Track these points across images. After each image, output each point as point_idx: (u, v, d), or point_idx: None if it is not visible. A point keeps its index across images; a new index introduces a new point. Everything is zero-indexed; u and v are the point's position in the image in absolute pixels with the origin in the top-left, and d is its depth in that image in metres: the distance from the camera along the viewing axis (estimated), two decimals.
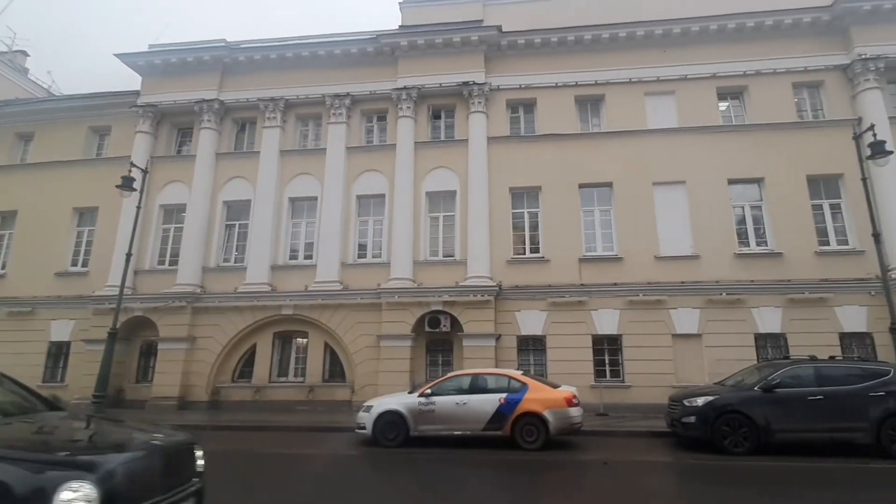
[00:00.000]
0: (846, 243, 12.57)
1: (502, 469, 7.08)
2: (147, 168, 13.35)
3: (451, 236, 13.98)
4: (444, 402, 8.58)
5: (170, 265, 14.69)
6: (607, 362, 12.59)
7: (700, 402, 8.25)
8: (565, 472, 7.00)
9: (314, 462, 7.61)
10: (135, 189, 11.91)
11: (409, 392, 9.25)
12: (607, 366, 12.57)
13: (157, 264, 14.90)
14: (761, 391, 8.07)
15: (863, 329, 11.83)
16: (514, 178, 13.92)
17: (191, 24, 56.89)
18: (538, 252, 13.49)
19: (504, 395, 8.47)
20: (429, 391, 8.77)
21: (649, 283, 12.61)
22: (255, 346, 13.91)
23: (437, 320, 12.89)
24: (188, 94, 15.44)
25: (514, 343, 12.83)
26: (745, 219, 13.19)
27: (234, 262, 14.66)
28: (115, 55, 15.74)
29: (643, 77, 14.12)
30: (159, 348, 13.73)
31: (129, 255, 12.14)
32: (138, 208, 12.47)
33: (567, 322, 12.66)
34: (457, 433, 8.46)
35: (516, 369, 10.94)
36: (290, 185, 14.91)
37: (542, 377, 10.88)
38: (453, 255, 13.73)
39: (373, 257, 14.19)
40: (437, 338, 13.28)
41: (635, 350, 12.32)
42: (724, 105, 14.18)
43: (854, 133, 11.07)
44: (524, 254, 13.59)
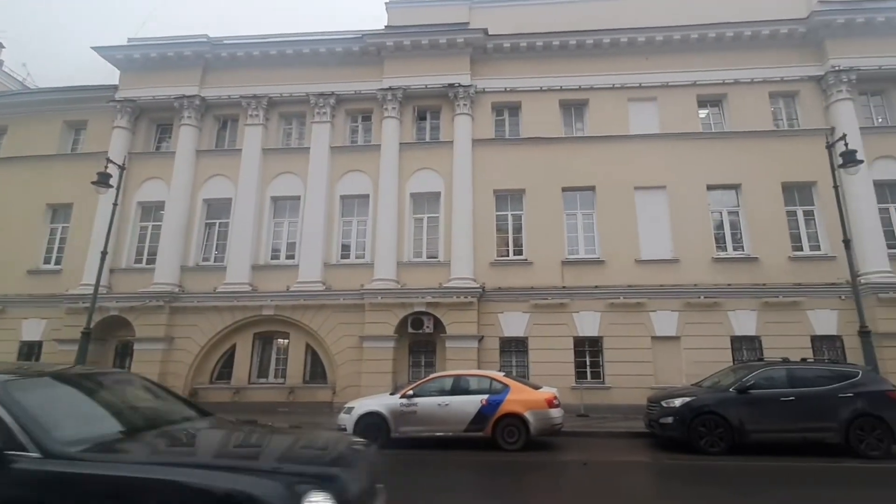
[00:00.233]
0: (818, 249, 12.95)
1: (483, 470, 7.11)
2: (124, 164, 13.03)
3: (436, 237, 13.97)
4: (426, 403, 8.57)
5: (147, 264, 14.36)
6: (588, 364, 12.73)
7: (677, 403, 8.41)
8: (546, 472, 7.05)
9: None
10: (111, 186, 11.62)
11: (392, 393, 9.23)
12: (588, 367, 12.71)
13: (134, 263, 14.56)
14: (736, 392, 8.26)
15: (833, 332, 12.20)
16: (498, 181, 14.00)
17: (173, 19, 55.83)
18: (521, 254, 13.57)
19: (486, 396, 8.51)
20: (411, 392, 8.75)
21: (630, 286, 12.79)
22: (234, 347, 13.69)
23: (421, 321, 12.87)
24: (168, 90, 15.14)
25: (496, 344, 12.88)
26: (722, 224, 13.48)
27: (214, 262, 14.41)
28: (93, 48, 15.35)
29: (626, 83, 14.34)
30: (135, 349, 13.41)
31: (104, 253, 11.83)
32: (115, 205, 12.16)
33: (549, 324, 12.77)
34: (438, 434, 8.45)
35: (498, 371, 10.99)
36: (272, 183, 14.73)
37: (523, 378, 10.96)
38: (437, 257, 13.73)
39: (356, 258, 14.10)
40: (420, 339, 13.26)
41: (615, 352, 12.48)
42: (703, 112, 14.48)
43: (827, 142, 11.43)
44: (507, 256, 13.67)
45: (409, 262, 13.70)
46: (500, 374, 9.23)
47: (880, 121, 13.94)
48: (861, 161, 10.62)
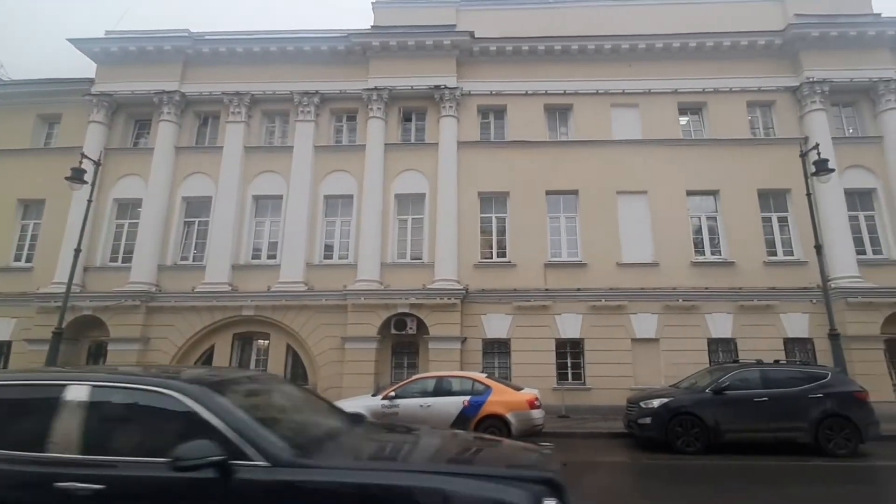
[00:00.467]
0: (792, 254, 13.33)
1: None
2: (100, 160, 12.71)
3: (420, 239, 13.96)
4: (407, 404, 8.55)
5: (123, 262, 14.00)
6: (569, 365, 12.86)
7: (655, 404, 8.56)
8: None
9: None
10: (86, 182, 11.33)
11: (373, 395, 9.18)
12: (569, 369, 12.84)
13: (109, 261, 14.18)
14: (712, 393, 8.46)
15: (805, 335, 12.57)
16: (483, 183, 14.06)
17: (155, 13, 54.62)
18: (505, 256, 13.65)
19: (468, 397, 8.54)
20: (393, 394, 8.73)
21: (611, 289, 12.97)
22: (213, 348, 13.44)
23: (404, 322, 12.83)
24: (147, 85, 14.79)
25: (479, 346, 12.92)
26: (701, 229, 13.77)
27: (193, 261, 14.13)
28: (70, 41, 14.91)
29: (610, 89, 14.56)
30: (109, 349, 13.05)
31: (77, 251, 11.53)
32: (89, 202, 11.85)
33: (531, 326, 12.86)
34: None
35: (481, 372, 11.02)
36: (254, 182, 14.51)
37: (506, 380, 10.99)
38: (421, 258, 13.72)
39: (339, 258, 13.99)
40: (402, 340, 13.22)
41: (596, 353, 12.64)
42: (684, 120, 14.79)
43: (801, 151, 11.81)
44: (491, 258, 13.73)
45: (393, 263, 13.66)
46: (482, 376, 9.27)
47: (851, 131, 14.44)
48: (832, 170, 11.00)
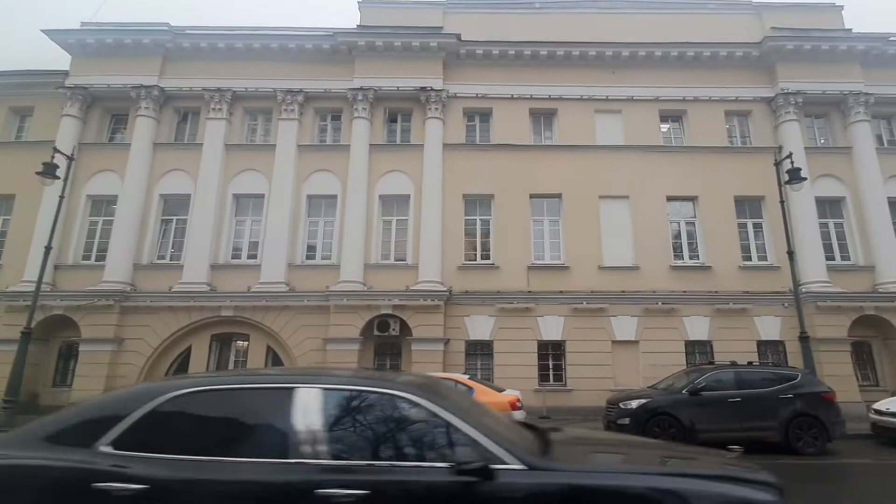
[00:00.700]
0: (766, 259, 13.75)
1: None
2: (73, 155, 12.33)
3: (404, 240, 13.93)
4: None
5: (96, 261, 13.59)
6: (551, 367, 13.00)
7: (634, 405, 8.72)
8: None
9: None
10: (58, 177, 10.99)
11: None
12: (551, 370, 12.98)
13: (82, 259, 13.75)
14: (688, 394, 8.65)
15: (777, 337, 12.97)
16: (467, 185, 14.11)
17: (133, 3, 53.20)
18: (489, 259, 13.73)
19: None
20: None
21: (593, 292, 13.16)
22: (190, 349, 13.15)
23: (387, 324, 12.78)
24: (124, 79, 14.37)
25: (462, 347, 12.95)
26: (680, 234, 14.09)
27: (170, 260, 13.81)
28: (44, 31, 14.39)
29: (593, 95, 14.77)
30: (81, 350, 12.65)
31: (48, 248, 11.18)
32: (61, 198, 11.51)
33: (514, 327, 12.96)
34: None
35: (464, 373, 11.03)
36: (234, 180, 14.26)
37: (488, 381, 11.06)
38: (405, 260, 13.68)
39: (322, 259, 13.85)
40: (385, 341, 13.16)
41: (577, 355, 12.80)
42: (665, 127, 15.11)
43: (775, 160, 12.19)
44: (475, 260, 13.79)
45: (377, 264, 13.59)
46: (464, 377, 9.29)
47: (823, 142, 14.98)
48: (805, 178, 11.39)
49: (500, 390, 9.10)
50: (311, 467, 2.25)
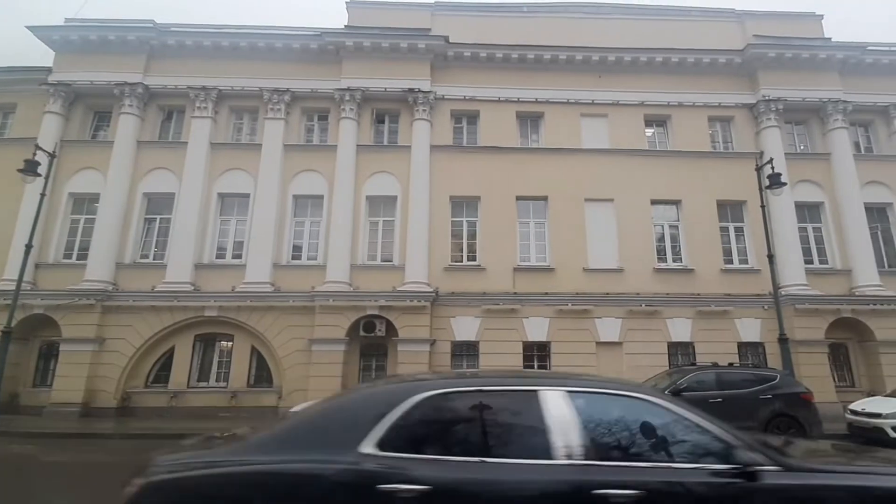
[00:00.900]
0: (746, 262, 13.99)
1: None
2: (55, 152, 12.17)
3: (391, 241, 13.93)
4: None
5: (78, 259, 13.38)
6: (536, 368, 13.08)
7: None
8: None
9: None
10: (39, 174, 10.84)
11: None
12: None
13: (63, 258, 13.53)
14: (670, 395, 8.77)
15: (757, 339, 13.21)
16: (454, 187, 14.15)
17: (117, 2, 52.47)
18: (475, 260, 13.78)
19: None
20: None
21: (577, 294, 13.28)
22: (173, 349, 13.00)
23: (373, 324, 12.76)
24: (108, 76, 14.19)
25: (448, 348, 12.98)
26: (664, 237, 14.29)
27: (154, 259, 13.66)
28: (28, 28, 14.17)
29: (580, 99, 14.93)
30: (61, 350, 12.43)
31: (28, 247, 11.00)
32: (43, 195, 11.32)
33: (500, 328, 13.03)
34: None
35: None
36: (219, 179, 14.14)
37: None
38: (392, 260, 13.68)
39: (308, 259, 13.79)
40: (371, 342, 13.14)
41: (562, 356, 12.90)
42: (650, 131, 15.31)
43: (756, 165, 12.43)
44: (462, 261, 13.83)
45: (363, 264, 13.58)
46: None
47: (802, 148, 15.30)
48: (785, 184, 11.63)
49: None
50: (584, 468, 2.29)
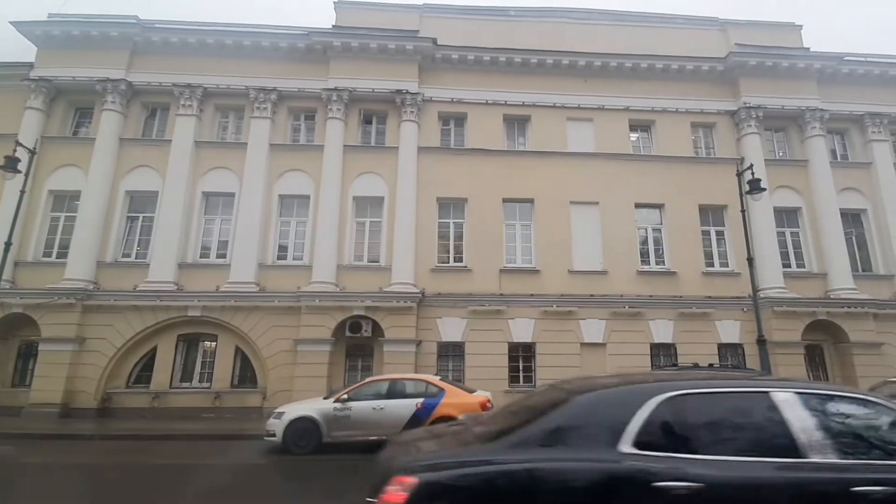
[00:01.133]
0: (727, 266, 14.30)
1: None
2: (36, 149, 11.95)
3: (377, 242, 13.93)
4: (360, 407, 8.53)
5: (58, 258, 13.15)
6: (521, 368, 13.20)
7: None
8: None
9: (215, 473, 7.20)
10: (19, 171, 10.65)
11: (326, 397, 9.08)
12: (521, 372, 13.17)
13: (43, 256, 13.28)
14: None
15: (736, 340, 13.51)
16: (441, 189, 14.22)
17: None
18: (462, 261, 13.86)
19: (421, 399, 8.62)
20: (345, 396, 8.67)
21: (562, 295, 13.44)
22: (155, 349, 12.84)
23: (359, 325, 12.75)
24: (90, 71, 13.98)
25: (434, 349, 13.03)
26: (647, 240, 14.52)
27: (136, 258, 13.46)
28: (11, 23, 13.90)
29: (566, 103, 15.11)
30: (40, 349, 12.20)
31: (8, 244, 10.79)
32: (22, 192, 11.11)
33: (486, 329, 13.12)
34: (372, 439, 8.40)
35: (435, 375, 11.11)
36: (204, 178, 14.01)
37: (459, 382, 11.18)
38: (378, 261, 13.69)
39: (294, 259, 13.73)
40: (357, 343, 13.13)
41: (547, 357, 13.05)
42: (634, 136, 15.55)
43: (737, 171, 12.70)
44: (448, 262, 13.90)
45: (350, 265, 13.56)
46: (436, 378, 9.37)
47: (781, 155, 15.69)
48: (764, 189, 11.90)
49: (471, 391, 9.22)
50: (839, 466, 2.38)
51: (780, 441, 2.49)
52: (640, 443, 2.45)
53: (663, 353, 13.43)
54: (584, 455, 2.44)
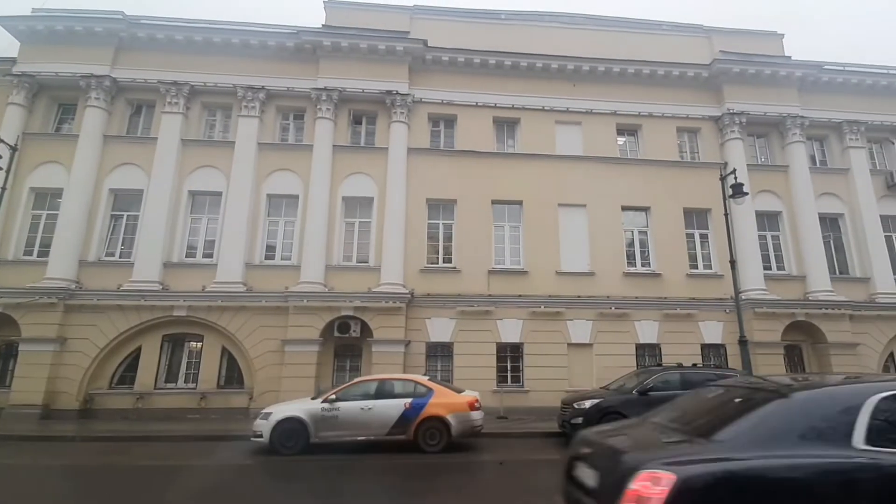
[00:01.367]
0: (710, 268, 14.59)
1: (402, 473, 7.20)
2: (17, 145, 11.71)
3: (367, 242, 13.92)
4: (348, 407, 8.52)
5: (39, 256, 12.88)
6: (509, 368, 13.31)
7: (587, 404, 9.10)
8: (463, 473, 7.30)
9: (201, 474, 7.14)
10: (0, 168, 10.38)
11: (314, 398, 9.05)
12: (509, 372, 13.28)
13: (23, 255, 13.01)
14: (638, 394, 9.12)
15: (719, 341, 13.80)
16: (431, 190, 14.27)
17: None
18: (450, 262, 13.92)
19: (409, 399, 8.63)
20: (333, 397, 8.65)
21: (550, 297, 13.58)
22: (139, 350, 12.65)
23: (347, 325, 12.72)
24: (74, 67, 13.74)
25: (423, 349, 13.06)
26: (633, 242, 14.74)
27: (120, 257, 13.27)
28: None
29: (555, 106, 15.28)
30: (21, 350, 11.94)
31: None
32: (3, 189, 10.89)
33: (474, 330, 13.20)
34: (360, 439, 8.42)
35: (424, 375, 11.13)
36: (190, 176, 13.86)
37: (447, 382, 11.22)
38: (367, 262, 13.68)
39: (282, 259, 13.65)
40: (346, 343, 13.09)
41: (535, 357, 13.17)
42: (622, 140, 15.79)
43: (720, 175, 12.96)
44: (437, 263, 13.94)
45: (339, 265, 13.53)
46: (424, 378, 9.39)
47: (763, 160, 16.06)
48: (746, 193, 12.14)
49: (459, 391, 9.26)
50: None
51: None
52: (870, 440, 2.65)
53: (648, 354, 13.65)
54: (822, 452, 2.61)
